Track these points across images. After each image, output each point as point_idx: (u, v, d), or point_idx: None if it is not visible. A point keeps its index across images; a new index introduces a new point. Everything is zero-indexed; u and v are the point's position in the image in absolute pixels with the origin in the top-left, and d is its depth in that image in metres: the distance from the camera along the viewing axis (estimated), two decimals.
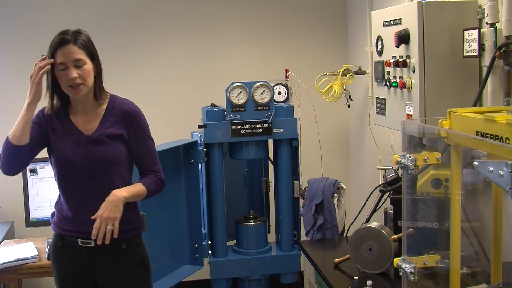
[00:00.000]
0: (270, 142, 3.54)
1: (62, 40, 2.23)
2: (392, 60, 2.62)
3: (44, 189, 3.35)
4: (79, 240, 2.32)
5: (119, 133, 2.34)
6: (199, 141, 3.32)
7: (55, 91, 2.32)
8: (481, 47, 2.26)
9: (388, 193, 2.87)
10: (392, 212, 2.76)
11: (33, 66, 2.23)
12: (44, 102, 2.35)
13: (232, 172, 3.66)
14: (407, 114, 2.52)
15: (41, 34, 3.92)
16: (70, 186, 2.33)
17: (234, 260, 3.45)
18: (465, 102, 2.38)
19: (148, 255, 2.47)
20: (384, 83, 2.73)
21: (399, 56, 2.56)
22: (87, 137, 2.31)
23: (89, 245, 2.31)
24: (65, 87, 2.25)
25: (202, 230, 3.40)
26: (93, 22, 3.97)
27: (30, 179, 3.34)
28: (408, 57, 2.50)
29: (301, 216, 3.49)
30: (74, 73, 2.22)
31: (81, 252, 2.34)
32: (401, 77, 2.56)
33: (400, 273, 1.94)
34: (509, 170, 1.34)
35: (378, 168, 3.27)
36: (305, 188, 3.43)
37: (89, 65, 2.27)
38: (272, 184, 3.67)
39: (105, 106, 2.37)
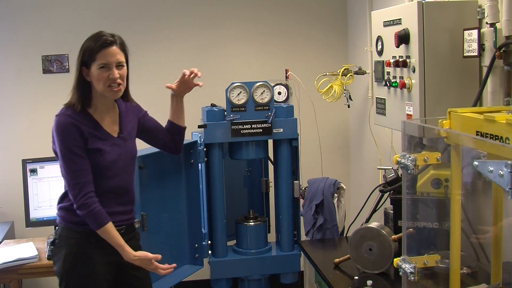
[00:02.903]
0: (270, 142, 3.53)
1: (107, 41, 2.28)
2: (392, 60, 2.62)
3: (44, 189, 3.34)
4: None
5: (135, 130, 2.53)
6: (199, 141, 3.32)
7: (83, 93, 2.34)
8: (481, 47, 2.26)
9: (388, 193, 2.87)
10: (392, 212, 2.76)
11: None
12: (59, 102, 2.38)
13: (232, 172, 3.66)
14: (407, 114, 2.52)
15: (41, 34, 3.97)
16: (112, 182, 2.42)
17: (234, 260, 3.45)
18: (465, 102, 2.38)
19: None
20: (384, 83, 2.73)
21: (399, 56, 2.56)
22: (119, 137, 2.41)
23: (121, 231, 2.40)
24: (104, 87, 2.29)
25: (202, 230, 3.40)
26: (93, 22, 3.97)
27: (30, 179, 3.33)
28: (408, 57, 2.50)
29: (301, 216, 3.48)
30: (117, 73, 2.28)
31: None
32: (401, 77, 2.56)
33: (400, 273, 1.94)
34: (509, 170, 1.33)
35: (378, 168, 3.27)
36: (305, 188, 3.43)
37: (125, 68, 2.35)
38: (272, 184, 3.67)
39: (117, 107, 2.47)
